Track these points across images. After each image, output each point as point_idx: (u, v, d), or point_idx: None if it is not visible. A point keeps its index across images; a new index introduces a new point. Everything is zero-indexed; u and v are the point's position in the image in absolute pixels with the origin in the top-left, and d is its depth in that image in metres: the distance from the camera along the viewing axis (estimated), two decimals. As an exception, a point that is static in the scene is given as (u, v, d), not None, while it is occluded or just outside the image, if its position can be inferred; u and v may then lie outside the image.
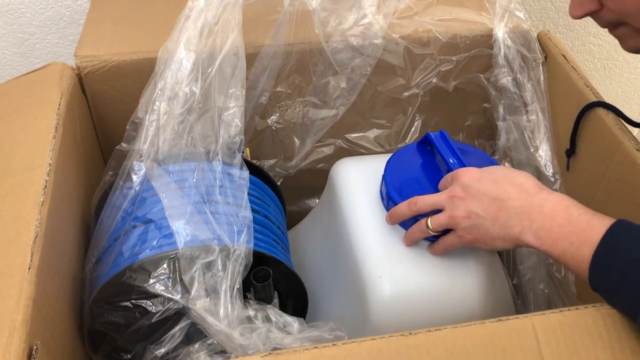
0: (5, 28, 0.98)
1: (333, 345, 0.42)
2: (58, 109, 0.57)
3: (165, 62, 0.58)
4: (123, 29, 0.71)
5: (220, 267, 0.49)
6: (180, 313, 0.51)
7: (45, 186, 0.50)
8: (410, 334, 0.42)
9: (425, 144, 0.65)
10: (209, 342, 0.49)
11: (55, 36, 1.01)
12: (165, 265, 0.50)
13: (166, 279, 0.49)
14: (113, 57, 0.65)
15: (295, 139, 0.80)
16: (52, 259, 0.48)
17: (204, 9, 0.58)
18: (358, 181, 0.66)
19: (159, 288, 0.49)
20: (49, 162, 0.52)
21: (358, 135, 0.81)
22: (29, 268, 0.44)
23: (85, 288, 0.54)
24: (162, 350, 0.50)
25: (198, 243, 0.50)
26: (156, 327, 0.51)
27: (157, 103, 0.56)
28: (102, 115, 0.69)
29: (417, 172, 0.63)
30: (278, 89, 0.74)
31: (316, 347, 0.41)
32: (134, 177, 0.55)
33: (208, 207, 0.52)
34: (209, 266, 0.49)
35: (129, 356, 0.54)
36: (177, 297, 0.49)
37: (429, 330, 0.43)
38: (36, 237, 0.46)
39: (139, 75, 0.66)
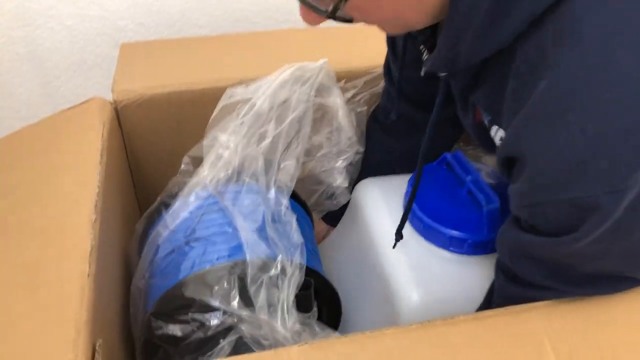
0: (33, 72, 1.04)
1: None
2: (102, 136, 0.62)
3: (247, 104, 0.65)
4: (152, 67, 0.78)
5: (280, 281, 0.54)
6: (230, 327, 0.55)
7: (96, 205, 0.55)
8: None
9: (442, 163, 0.70)
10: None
11: (79, 79, 1.08)
12: (225, 279, 0.54)
13: (226, 293, 0.54)
14: (146, 91, 0.72)
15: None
16: (105, 270, 0.52)
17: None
18: (381, 199, 0.71)
19: (219, 301, 0.53)
20: (98, 185, 0.57)
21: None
22: (88, 275, 0.49)
23: (138, 301, 0.58)
24: None
25: (263, 256, 0.55)
26: (206, 341, 0.55)
27: (224, 139, 0.63)
28: (134, 144, 0.75)
29: (437, 188, 0.67)
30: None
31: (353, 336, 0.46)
32: (191, 201, 0.61)
33: (268, 229, 0.58)
34: (272, 279, 0.54)
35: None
36: (236, 311, 0.53)
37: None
38: (92, 249, 0.51)
39: (169, 106, 0.73)
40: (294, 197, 0.70)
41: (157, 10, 1.01)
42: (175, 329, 0.55)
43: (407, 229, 0.66)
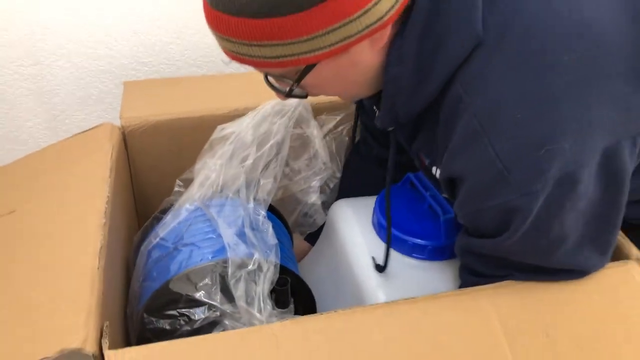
0: (41, 106, 1.13)
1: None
2: (111, 156, 0.70)
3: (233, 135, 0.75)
4: (155, 99, 0.87)
5: (257, 276, 0.61)
6: (215, 322, 0.61)
7: (105, 211, 0.62)
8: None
9: (406, 182, 0.79)
10: None
11: (82, 113, 1.16)
12: (208, 277, 0.61)
13: (209, 288, 0.61)
14: (150, 118, 0.80)
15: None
16: (111, 265, 0.60)
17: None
18: (352, 216, 0.79)
19: (203, 296, 0.60)
20: (107, 195, 0.64)
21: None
22: (98, 269, 0.56)
23: (134, 302, 0.65)
24: None
25: (242, 255, 0.62)
26: (193, 334, 0.59)
27: (212, 163, 0.72)
28: (138, 164, 0.84)
29: (401, 204, 0.76)
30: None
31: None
32: (181, 214, 0.69)
33: (247, 233, 0.65)
34: (249, 274, 0.61)
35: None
36: (218, 304, 0.60)
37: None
38: (101, 247, 0.58)
39: (170, 131, 0.81)
40: (275, 212, 0.79)
41: (159, 51, 1.10)
42: (165, 324, 0.62)
43: (376, 241, 0.74)
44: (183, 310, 0.62)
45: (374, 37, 0.53)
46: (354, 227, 0.78)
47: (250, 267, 0.61)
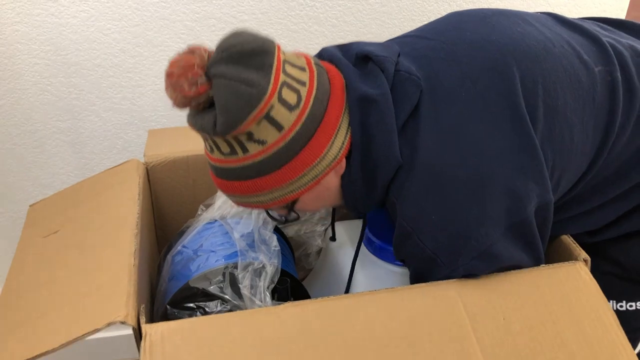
0: (73, 156, 1.29)
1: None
2: (139, 184, 0.86)
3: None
4: (173, 140, 1.03)
5: (261, 273, 0.76)
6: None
7: (137, 224, 0.77)
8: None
9: None
10: None
11: (109, 161, 1.31)
12: (221, 274, 0.75)
13: (222, 284, 0.75)
14: (169, 155, 0.96)
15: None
16: (142, 263, 0.74)
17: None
18: (346, 236, 0.93)
19: (217, 290, 0.74)
20: (137, 213, 0.80)
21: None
22: (134, 266, 0.70)
23: (159, 299, 0.79)
24: None
25: (250, 259, 0.77)
26: None
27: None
28: (159, 194, 1.00)
29: (386, 217, 0.83)
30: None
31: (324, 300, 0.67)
32: (201, 227, 0.84)
33: (256, 243, 0.80)
34: (255, 271, 0.75)
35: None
36: (229, 297, 0.73)
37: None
38: (135, 250, 0.73)
39: (187, 166, 0.97)
40: (280, 233, 0.94)
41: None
42: (185, 314, 0.75)
43: (364, 251, 0.87)
44: (200, 303, 0.75)
45: (335, 169, 0.70)
46: (347, 244, 0.91)
47: (255, 265, 0.76)
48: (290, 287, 0.80)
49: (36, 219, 0.87)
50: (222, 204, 0.88)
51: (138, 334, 0.64)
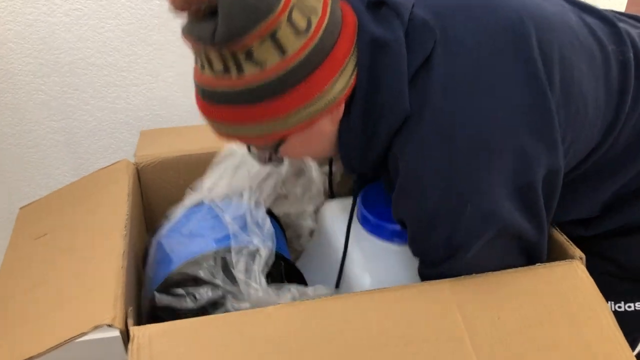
0: (69, 155, 1.29)
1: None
2: (128, 184, 0.85)
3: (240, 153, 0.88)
4: (164, 141, 1.03)
5: (255, 256, 0.73)
6: (217, 303, 0.72)
7: (126, 225, 0.76)
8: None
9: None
10: None
11: (104, 160, 1.31)
12: (212, 259, 0.72)
13: (213, 269, 0.71)
14: (159, 155, 0.96)
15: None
16: (131, 265, 0.73)
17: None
18: (340, 214, 0.88)
19: (207, 276, 0.71)
20: (127, 214, 0.79)
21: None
22: (122, 268, 0.69)
23: (147, 285, 0.76)
24: None
25: (244, 243, 0.74)
26: (197, 312, 0.70)
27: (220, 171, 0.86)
28: (148, 193, 0.99)
29: (381, 195, 0.83)
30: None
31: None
32: (191, 210, 0.81)
33: (248, 226, 0.77)
34: (250, 254, 0.73)
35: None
36: (220, 283, 0.70)
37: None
38: (124, 252, 0.72)
39: (177, 166, 0.96)
40: (273, 216, 0.91)
41: (171, 104, 1.27)
42: (173, 301, 0.72)
43: (360, 230, 0.83)
44: (190, 289, 0.72)
45: (332, 113, 0.66)
46: (341, 222, 0.85)
47: (250, 247, 0.73)
48: (284, 270, 0.77)
49: (26, 222, 0.87)
50: (211, 185, 0.85)
51: (126, 337, 0.63)
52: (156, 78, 1.23)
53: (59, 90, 1.20)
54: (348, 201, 0.91)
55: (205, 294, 0.71)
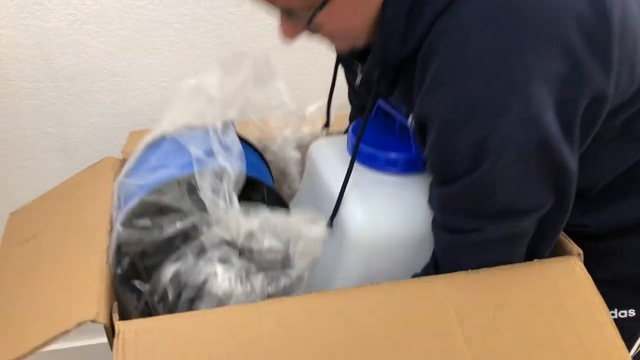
0: (64, 161, 1.28)
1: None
2: (112, 182, 0.83)
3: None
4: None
5: (223, 178, 0.66)
6: (187, 235, 0.65)
7: (110, 220, 0.75)
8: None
9: (378, 113, 0.81)
10: (217, 254, 0.65)
11: (99, 165, 1.31)
12: (177, 186, 0.66)
13: (179, 196, 0.65)
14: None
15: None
16: None
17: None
18: (330, 150, 0.82)
19: (173, 202, 0.65)
20: (112, 213, 0.78)
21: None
22: (106, 263, 0.68)
23: (112, 229, 0.70)
24: (173, 267, 0.65)
25: (210, 167, 0.67)
26: (167, 244, 0.66)
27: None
28: None
29: (374, 127, 0.78)
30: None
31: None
32: (145, 150, 0.76)
33: (215, 150, 0.70)
34: (216, 174, 0.66)
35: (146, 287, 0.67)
36: (186, 209, 0.64)
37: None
38: (108, 247, 0.71)
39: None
40: (248, 144, 0.84)
41: (164, 108, 1.26)
42: (139, 235, 0.67)
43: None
44: (156, 219, 0.66)
45: None
46: (331, 158, 0.80)
47: (215, 169, 0.66)
48: (267, 198, 0.71)
49: (15, 227, 0.87)
50: (170, 119, 0.78)
51: (110, 332, 0.61)
52: (150, 83, 1.22)
53: (53, 96, 1.20)
54: (338, 138, 0.86)
55: (172, 223, 0.66)
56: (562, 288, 0.67)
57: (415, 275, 0.74)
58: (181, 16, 1.18)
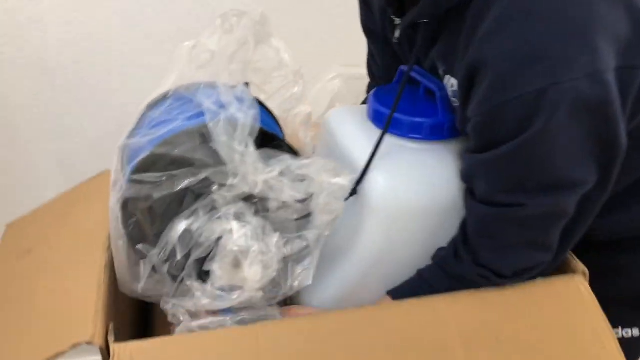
0: (62, 177, 1.29)
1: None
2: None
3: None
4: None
5: (237, 128, 0.59)
6: (200, 192, 0.60)
7: (108, 237, 0.73)
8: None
9: (399, 78, 0.75)
10: (232, 211, 0.59)
11: (98, 181, 1.31)
12: (187, 136, 0.61)
13: (191, 147, 0.60)
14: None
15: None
16: (112, 279, 0.69)
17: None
18: (350, 116, 0.76)
19: (185, 153, 0.59)
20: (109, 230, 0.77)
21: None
22: (103, 281, 0.67)
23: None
24: (184, 223, 0.59)
25: (221, 117, 0.60)
26: (177, 199, 0.60)
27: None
28: None
29: (397, 92, 0.70)
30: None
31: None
32: (149, 111, 0.70)
33: (225, 102, 0.63)
34: (229, 121, 0.60)
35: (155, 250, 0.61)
36: (199, 159, 0.59)
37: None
38: (105, 265, 0.69)
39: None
40: (261, 104, 0.75)
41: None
42: (148, 190, 0.61)
43: (371, 128, 0.71)
44: (166, 173, 0.60)
45: None
46: (349, 124, 0.75)
47: (229, 117, 0.60)
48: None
49: (12, 239, 0.86)
50: (172, 81, 0.71)
51: (106, 354, 0.60)
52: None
53: (52, 112, 1.21)
54: (355, 107, 0.81)
55: (184, 177, 0.60)
56: (567, 308, 0.66)
57: (441, 249, 0.70)
58: (178, 32, 1.18)
